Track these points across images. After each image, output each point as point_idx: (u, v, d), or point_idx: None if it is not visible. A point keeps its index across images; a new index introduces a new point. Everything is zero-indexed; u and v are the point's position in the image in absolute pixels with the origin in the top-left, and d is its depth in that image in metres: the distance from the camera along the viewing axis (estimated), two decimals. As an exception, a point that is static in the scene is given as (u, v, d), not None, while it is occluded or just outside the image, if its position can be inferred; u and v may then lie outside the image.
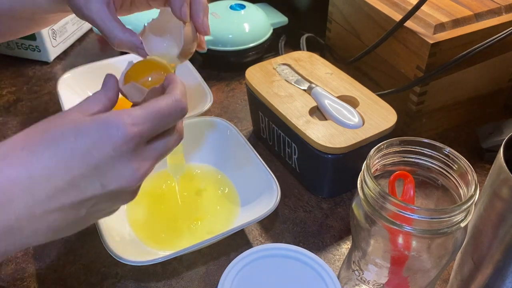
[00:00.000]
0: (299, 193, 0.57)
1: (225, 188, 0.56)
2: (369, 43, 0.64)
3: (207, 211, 0.54)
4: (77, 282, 0.48)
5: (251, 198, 0.53)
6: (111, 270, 0.49)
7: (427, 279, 0.40)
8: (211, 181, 0.57)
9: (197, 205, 0.55)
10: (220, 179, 0.57)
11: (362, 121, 0.54)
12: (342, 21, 0.70)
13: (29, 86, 0.75)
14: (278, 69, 0.62)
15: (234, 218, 0.53)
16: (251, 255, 0.40)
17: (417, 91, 0.59)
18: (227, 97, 0.72)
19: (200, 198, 0.56)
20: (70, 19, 0.82)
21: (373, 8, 0.62)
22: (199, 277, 0.48)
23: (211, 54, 0.75)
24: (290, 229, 0.53)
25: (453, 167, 0.38)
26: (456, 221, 0.35)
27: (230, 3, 0.78)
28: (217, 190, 0.56)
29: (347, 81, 0.60)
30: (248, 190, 0.54)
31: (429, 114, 0.62)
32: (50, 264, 0.49)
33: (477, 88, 0.64)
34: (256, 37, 0.75)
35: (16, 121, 0.68)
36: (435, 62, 0.56)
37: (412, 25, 0.57)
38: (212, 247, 0.51)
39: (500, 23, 0.58)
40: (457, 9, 0.59)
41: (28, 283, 0.48)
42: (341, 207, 0.56)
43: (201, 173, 0.58)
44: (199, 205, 0.55)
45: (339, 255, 0.50)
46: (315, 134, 0.52)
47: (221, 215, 0.53)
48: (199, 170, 0.58)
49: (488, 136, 0.61)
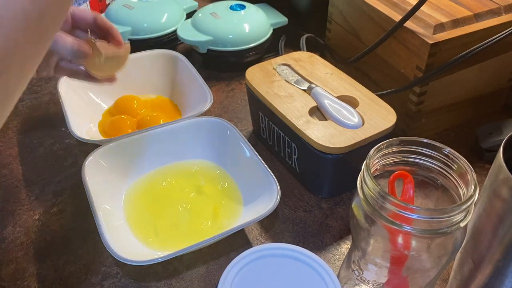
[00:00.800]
0: (299, 193, 0.57)
1: (225, 185, 0.56)
2: (369, 43, 0.64)
3: (208, 210, 0.54)
4: (77, 282, 0.48)
5: (251, 198, 0.53)
6: (111, 270, 0.49)
7: (427, 278, 0.40)
8: (210, 179, 0.57)
9: (197, 204, 0.55)
10: (220, 176, 0.58)
11: (362, 121, 0.54)
12: (342, 21, 0.70)
13: (30, 86, 0.75)
14: (278, 69, 0.62)
15: (235, 218, 0.53)
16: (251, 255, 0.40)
17: (416, 91, 0.59)
18: (227, 97, 0.72)
19: (200, 196, 0.56)
20: (71, 19, 0.82)
21: (373, 8, 0.63)
22: (199, 277, 0.48)
23: (211, 54, 0.75)
24: (290, 229, 0.53)
25: (453, 167, 0.38)
26: (455, 221, 0.35)
27: (230, 3, 0.78)
28: (217, 188, 0.56)
29: (347, 81, 0.60)
30: (248, 190, 0.54)
31: (429, 114, 0.62)
32: (50, 264, 0.50)
33: (476, 88, 0.64)
34: (256, 38, 0.75)
35: (16, 121, 0.68)
36: (435, 62, 0.56)
37: (412, 25, 0.58)
38: (212, 247, 0.51)
39: (500, 23, 0.58)
40: (456, 9, 0.59)
41: (28, 283, 0.48)
42: (340, 207, 0.56)
43: (200, 170, 0.58)
44: (199, 204, 0.55)
45: (338, 254, 0.51)
46: (315, 134, 0.52)
47: (221, 214, 0.54)
48: (198, 168, 0.59)
49: (487, 136, 0.61)
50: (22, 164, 0.61)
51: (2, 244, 0.52)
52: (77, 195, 0.57)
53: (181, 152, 0.59)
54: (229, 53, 0.74)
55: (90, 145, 0.64)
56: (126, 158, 0.56)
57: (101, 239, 0.45)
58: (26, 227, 0.53)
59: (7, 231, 0.53)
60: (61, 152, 0.63)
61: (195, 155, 0.59)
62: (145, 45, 0.77)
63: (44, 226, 0.53)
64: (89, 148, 0.64)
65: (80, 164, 0.62)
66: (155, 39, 0.77)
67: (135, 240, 0.50)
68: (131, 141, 0.57)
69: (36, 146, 0.64)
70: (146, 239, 0.51)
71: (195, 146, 0.59)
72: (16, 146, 0.64)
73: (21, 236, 0.52)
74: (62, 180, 0.59)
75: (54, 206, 0.56)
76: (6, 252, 0.51)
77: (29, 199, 0.57)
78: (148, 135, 0.57)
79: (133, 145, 0.57)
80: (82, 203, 0.56)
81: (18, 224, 0.54)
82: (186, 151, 0.59)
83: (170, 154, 0.59)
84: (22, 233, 0.53)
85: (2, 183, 0.59)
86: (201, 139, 0.59)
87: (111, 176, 0.54)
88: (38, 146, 0.64)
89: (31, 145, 0.64)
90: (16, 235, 0.52)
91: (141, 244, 0.50)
